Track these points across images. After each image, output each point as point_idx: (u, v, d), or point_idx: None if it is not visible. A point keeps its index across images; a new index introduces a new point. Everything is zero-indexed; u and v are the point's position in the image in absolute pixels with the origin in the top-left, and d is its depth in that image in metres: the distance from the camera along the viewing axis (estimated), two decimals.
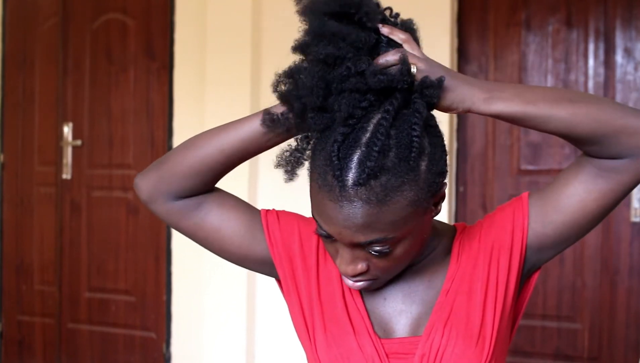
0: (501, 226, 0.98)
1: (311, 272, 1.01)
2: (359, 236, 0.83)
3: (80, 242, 3.41)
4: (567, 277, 2.73)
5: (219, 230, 1.01)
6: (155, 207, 1.02)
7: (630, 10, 2.67)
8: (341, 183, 0.81)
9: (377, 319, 0.98)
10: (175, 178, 0.99)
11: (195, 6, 3.10)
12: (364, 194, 0.80)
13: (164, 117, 3.22)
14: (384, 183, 0.80)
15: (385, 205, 0.81)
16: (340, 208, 0.82)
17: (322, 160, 0.83)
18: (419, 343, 0.94)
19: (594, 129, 0.85)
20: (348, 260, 0.88)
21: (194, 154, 0.97)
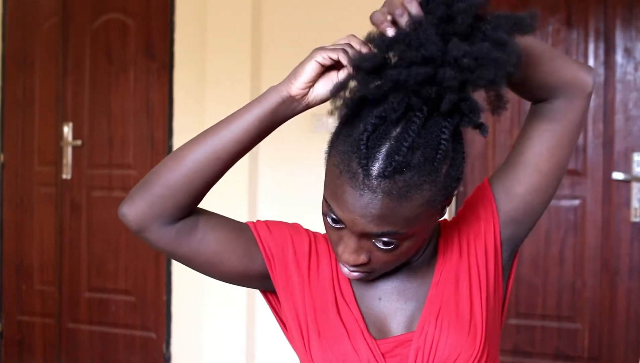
0: (472, 216, 1.01)
1: (304, 279, 1.01)
2: (372, 227, 0.84)
3: (80, 242, 3.41)
4: (567, 277, 2.73)
5: (217, 253, 0.98)
6: (148, 235, 0.96)
7: (630, 10, 2.67)
8: (366, 172, 0.81)
9: (371, 320, 0.98)
10: (167, 198, 0.93)
11: (195, 6, 3.10)
12: (386, 187, 0.81)
13: (164, 117, 3.22)
14: (407, 179, 0.81)
15: (404, 201, 0.82)
16: (360, 196, 0.82)
17: (348, 146, 0.83)
18: (413, 338, 0.95)
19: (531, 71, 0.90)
20: (352, 249, 0.88)
21: (186, 167, 0.93)
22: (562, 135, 0.96)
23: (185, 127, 3.13)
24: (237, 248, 0.99)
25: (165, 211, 0.94)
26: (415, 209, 0.83)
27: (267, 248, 1.01)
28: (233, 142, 0.92)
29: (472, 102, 0.81)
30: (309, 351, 0.97)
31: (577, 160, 2.71)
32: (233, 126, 0.92)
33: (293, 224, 1.06)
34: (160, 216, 0.94)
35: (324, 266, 1.02)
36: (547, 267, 2.75)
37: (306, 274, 1.01)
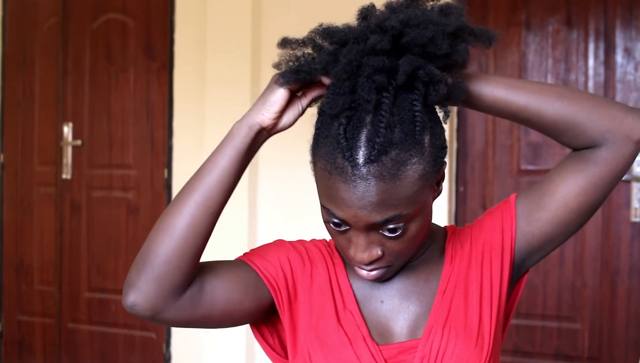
0: (491, 228, 0.99)
1: (305, 292, 0.99)
2: (376, 216, 0.83)
3: (80, 242, 3.41)
4: (567, 277, 2.73)
5: (230, 300, 0.94)
6: (165, 315, 0.91)
7: (630, 10, 2.67)
8: (353, 163, 0.82)
9: (374, 324, 0.97)
10: (173, 271, 0.89)
11: (195, 6, 3.10)
12: (376, 171, 0.81)
13: (164, 117, 3.22)
14: (394, 158, 0.82)
15: (398, 180, 0.82)
16: (354, 188, 0.82)
17: (329, 145, 0.84)
18: (418, 346, 0.93)
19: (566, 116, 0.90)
20: (364, 246, 0.87)
21: (182, 234, 0.89)
22: (599, 179, 0.93)
23: (185, 128, 3.13)
24: (244, 288, 0.96)
25: (174, 285, 0.90)
26: (412, 186, 0.84)
27: (270, 277, 0.97)
28: (219, 190, 0.91)
29: (429, 70, 0.82)
30: (310, 361, 0.95)
31: None
32: (215, 175, 0.91)
33: (278, 242, 1.03)
34: (171, 292, 0.90)
35: (320, 273, 1.00)
36: (547, 267, 2.75)
37: (306, 286, 0.99)
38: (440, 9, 0.86)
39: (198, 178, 0.91)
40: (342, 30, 0.87)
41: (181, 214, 0.90)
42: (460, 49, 0.85)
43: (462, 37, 0.86)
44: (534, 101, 0.91)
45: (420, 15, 0.83)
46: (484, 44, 0.88)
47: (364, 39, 0.84)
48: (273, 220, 2.92)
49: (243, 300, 0.95)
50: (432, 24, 0.82)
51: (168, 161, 3.19)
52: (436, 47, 0.82)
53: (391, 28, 0.82)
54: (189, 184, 0.92)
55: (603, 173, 0.93)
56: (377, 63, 0.82)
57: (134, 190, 3.31)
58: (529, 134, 2.76)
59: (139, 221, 3.27)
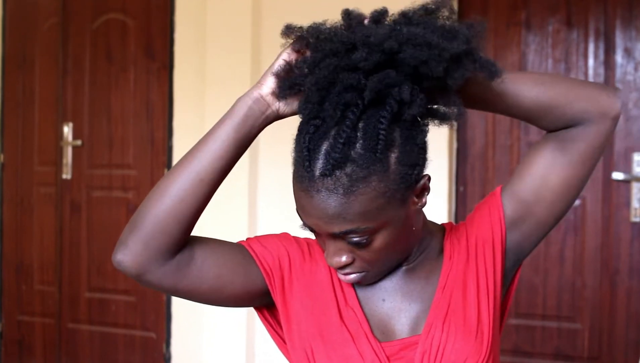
0: (480, 222, 1.01)
1: (304, 286, 1.00)
2: (333, 227, 0.85)
3: (80, 242, 3.41)
4: (567, 277, 2.73)
5: (219, 276, 0.95)
6: (150, 277, 0.92)
7: (630, 10, 2.67)
8: (310, 174, 0.84)
9: (375, 322, 0.97)
10: (160, 234, 0.90)
11: (195, 6, 3.10)
12: (330, 185, 0.82)
13: (164, 117, 3.22)
14: (349, 173, 0.82)
15: (352, 195, 0.82)
16: (311, 198, 0.84)
17: (297, 152, 0.87)
18: (419, 341, 0.94)
19: (544, 101, 0.92)
20: (332, 252, 0.89)
21: (172, 197, 0.91)
22: (577, 156, 0.95)
23: (185, 127, 3.13)
24: (236, 268, 0.97)
25: (161, 247, 0.91)
26: (369, 203, 0.83)
27: (265, 263, 0.98)
28: (213, 160, 0.91)
29: (402, 89, 0.81)
30: (312, 358, 0.95)
31: None
32: (210, 144, 0.91)
33: (283, 234, 1.04)
34: (157, 254, 0.91)
35: (321, 270, 1.01)
36: (547, 267, 2.75)
37: (305, 281, 1.00)
38: (449, 30, 0.83)
39: (195, 146, 0.92)
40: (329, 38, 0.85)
41: (174, 179, 0.91)
42: (457, 75, 0.82)
43: (462, 64, 0.83)
44: (512, 89, 0.91)
45: (421, 35, 0.81)
46: (486, 76, 0.86)
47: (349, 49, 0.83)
48: (273, 220, 2.92)
49: (234, 279, 0.96)
50: (431, 46, 0.80)
51: (168, 161, 3.19)
52: (429, 70, 0.81)
53: (389, 49, 0.81)
54: (188, 152, 0.93)
55: (581, 149, 0.95)
56: (351, 80, 0.82)
57: (134, 190, 3.31)
58: (529, 134, 2.76)
59: None
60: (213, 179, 0.91)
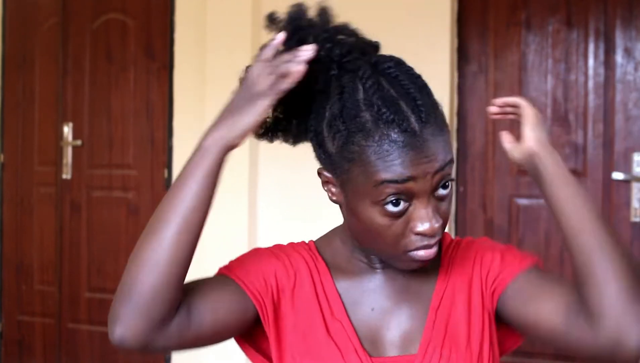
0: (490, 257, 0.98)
1: (290, 304, 0.96)
2: (438, 163, 0.86)
3: (80, 242, 3.41)
4: (567, 277, 2.73)
5: (216, 322, 0.92)
6: (155, 345, 0.88)
7: (630, 10, 2.67)
8: (411, 129, 0.85)
9: (364, 332, 0.95)
10: (162, 301, 0.86)
11: (195, 6, 3.10)
12: (433, 129, 0.86)
13: (164, 117, 3.22)
14: (439, 114, 0.89)
15: (445, 129, 0.89)
16: (419, 148, 0.85)
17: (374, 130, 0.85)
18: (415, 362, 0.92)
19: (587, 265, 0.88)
20: (430, 214, 0.87)
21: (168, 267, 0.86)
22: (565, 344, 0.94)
23: (185, 127, 3.13)
24: (230, 304, 0.93)
25: (162, 315, 0.86)
26: (448, 132, 0.90)
27: (255, 291, 0.94)
28: (197, 215, 0.87)
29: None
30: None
31: (577, 160, 2.71)
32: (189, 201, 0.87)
33: (256, 252, 1.00)
34: (159, 322, 0.86)
35: (304, 281, 0.97)
36: (547, 267, 2.71)
37: (290, 297, 0.96)
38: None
39: (173, 205, 0.87)
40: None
41: (162, 246, 0.86)
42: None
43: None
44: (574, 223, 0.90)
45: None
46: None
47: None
48: (273, 220, 2.92)
49: (229, 317, 0.93)
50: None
51: (168, 161, 3.19)
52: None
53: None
54: (165, 211, 0.88)
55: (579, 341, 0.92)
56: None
57: (134, 190, 3.31)
58: None
59: (139, 221, 3.26)
60: (200, 229, 0.88)
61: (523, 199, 2.79)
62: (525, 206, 2.79)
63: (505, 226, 2.80)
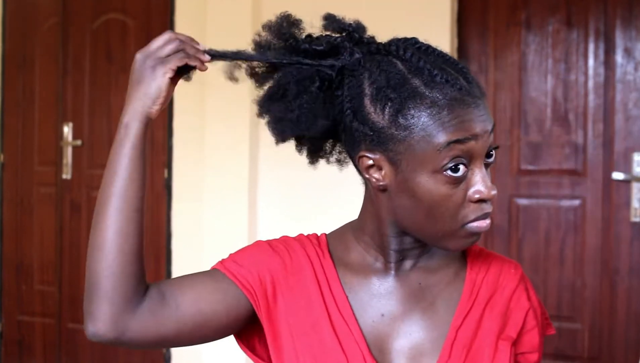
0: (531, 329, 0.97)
1: (290, 302, 0.92)
2: (492, 122, 0.89)
3: (80, 242, 3.41)
4: (567, 277, 2.73)
5: (199, 311, 0.88)
6: (130, 334, 0.85)
7: (630, 10, 2.67)
8: (466, 90, 0.85)
9: (372, 339, 0.91)
10: (119, 284, 0.84)
11: (195, 6, 3.10)
12: (481, 90, 0.88)
13: (164, 117, 3.21)
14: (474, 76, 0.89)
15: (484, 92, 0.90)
16: (476, 107, 0.85)
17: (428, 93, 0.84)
18: None
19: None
20: (486, 177, 0.88)
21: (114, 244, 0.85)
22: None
23: (185, 127, 3.13)
24: (214, 296, 0.89)
25: (125, 295, 0.85)
26: None
27: (245, 281, 0.90)
28: (133, 189, 0.87)
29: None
30: None
31: (577, 160, 2.71)
32: (124, 176, 0.88)
33: (257, 244, 0.96)
34: (125, 305, 0.84)
35: (307, 279, 0.93)
36: (547, 267, 2.75)
37: (291, 296, 0.92)
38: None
39: (109, 184, 0.88)
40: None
41: (106, 225, 0.86)
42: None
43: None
44: None
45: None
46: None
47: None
48: (273, 220, 2.92)
49: (216, 308, 0.89)
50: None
51: (168, 161, 3.19)
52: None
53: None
54: (103, 193, 0.88)
55: None
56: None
57: None
58: (529, 134, 2.76)
59: None
60: (140, 202, 0.88)
61: (523, 199, 2.79)
62: (525, 206, 2.79)
63: (505, 226, 2.80)
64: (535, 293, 1.01)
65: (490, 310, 0.93)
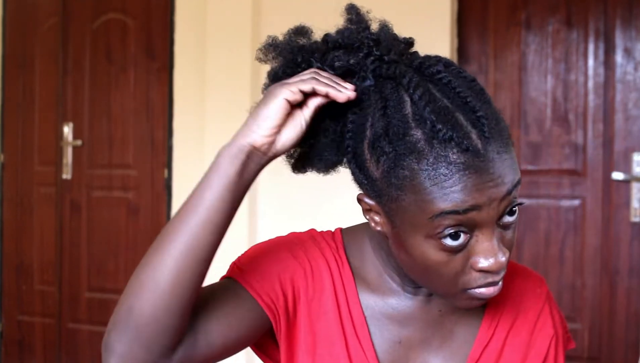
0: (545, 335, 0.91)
1: (308, 318, 0.86)
2: (509, 184, 0.73)
3: (80, 242, 3.41)
4: (567, 277, 2.73)
5: (227, 340, 0.81)
6: None
7: (630, 10, 2.67)
8: (474, 147, 0.71)
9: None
10: (162, 331, 0.74)
11: (195, 6, 3.10)
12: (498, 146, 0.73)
13: (164, 117, 3.22)
14: (501, 128, 0.74)
15: (510, 146, 0.75)
16: (484, 170, 0.71)
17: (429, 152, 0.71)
18: None
19: None
20: (495, 247, 0.74)
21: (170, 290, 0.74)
22: None
23: (185, 128, 3.13)
24: (242, 323, 0.82)
25: (164, 345, 0.75)
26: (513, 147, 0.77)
27: (269, 300, 0.83)
28: (208, 232, 0.75)
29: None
30: None
31: (577, 160, 2.71)
32: (201, 214, 0.75)
33: (276, 246, 0.88)
34: (161, 354, 0.75)
35: (325, 292, 0.86)
36: (547, 267, 2.75)
37: (309, 311, 0.86)
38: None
39: (182, 218, 0.76)
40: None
41: (165, 266, 0.74)
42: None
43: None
44: None
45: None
46: None
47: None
48: (273, 220, 2.92)
49: (241, 334, 0.82)
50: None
51: (168, 161, 3.19)
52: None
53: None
54: (172, 227, 0.76)
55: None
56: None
57: (134, 190, 3.31)
58: (529, 134, 2.76)
59: (139, 221, 3.27)
60: (212, 253, 0.77)
61: (523, 199, 2.79)
62: (525, 206, 2.79)
63: None
64: (559, 311, 0.95)
65: (512, 340, 0.88)
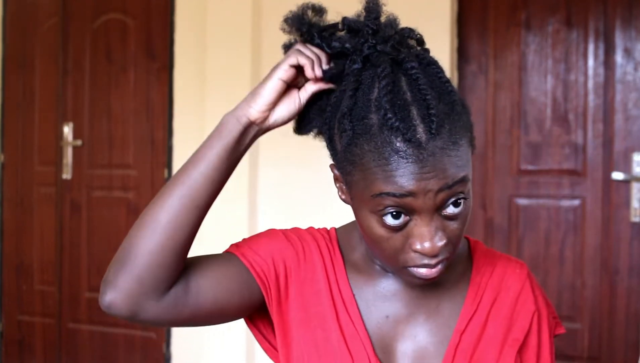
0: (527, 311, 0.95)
1: (299, 296, 0.91)
2: (449, 179, 0.79)
3: (80, 242, 3.41)
4: (567, 277, 2.73)
5: (216, 300, 0.88)
6: (145, 316, 0.84)
7: (630, 10, 2.67)
8: (416, 140, 0.76)
9: (377, 340, 0.90)
10: (156, 267, 0.83)
11: (195, 6, 3.10)
12: (442, 143, 0.78)
13: (164, 117, 3.22)
14: (452, 126, 0.79)
15: (458, 144, 0.79)
16: (422, 161, 0.77)
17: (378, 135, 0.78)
18: None
19: None
20: (432, 232, 0.79)
21: (166, 228, 0.83)
22: None
23: (185, 128, 3.13)
24: (231, 285, 0.88)
25: (157, 282, 0.83)
26: (467, 151, 0.82)
27: (260, 271, 0.90)
28: (205, 184, 0.85)
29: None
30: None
31: (577, 160, 2.71)
32: (202, 168, 0.85)
33: (270, 233, 0.96)
34: (153, 290, 0.83)
35: (318, 274, 0.92)
36: (547, 267, 2.75)
37: (301, 289, 0.91)
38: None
39: (184, 171, 0.86)
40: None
41: (164, 207, 0.84)
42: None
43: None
44: None
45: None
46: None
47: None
48: (273, 220, 2.92)
49: (231, 297, 0.89)
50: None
51: (168, 161, 3.19)
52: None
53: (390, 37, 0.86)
54: (174, 178, 0.86)
55: None
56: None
57: (134, 190, 3.31)
58: (529, 134, 2.76)
59: None
60: (207, 203, 0.86)
61: (523, 199, 2.79)
62: (525, 206, 2.79)
63: (505, 226, 2.80)
64: (542, 292, 0.99)
65: (495, 314, 0.91)
